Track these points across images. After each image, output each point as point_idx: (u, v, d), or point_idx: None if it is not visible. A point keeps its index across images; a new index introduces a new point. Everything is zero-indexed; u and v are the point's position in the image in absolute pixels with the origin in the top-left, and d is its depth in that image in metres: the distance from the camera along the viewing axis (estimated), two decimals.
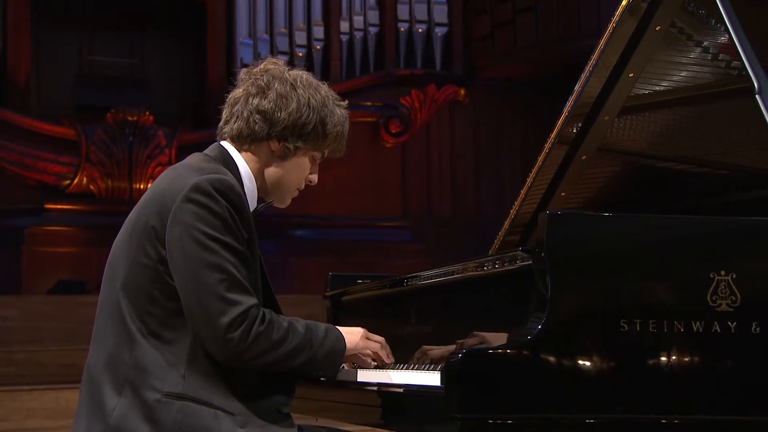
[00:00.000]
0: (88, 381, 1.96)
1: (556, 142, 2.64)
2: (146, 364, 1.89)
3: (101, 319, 1.99)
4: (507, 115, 10.62)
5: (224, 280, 1.86)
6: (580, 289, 1.84)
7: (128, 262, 1.94)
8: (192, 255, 1.86)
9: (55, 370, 6.78)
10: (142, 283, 1.92)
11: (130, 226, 1.99)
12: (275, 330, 1.91)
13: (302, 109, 2.04)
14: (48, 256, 8.98)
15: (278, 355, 1.91)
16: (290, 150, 2.06)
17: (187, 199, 1.89)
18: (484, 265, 2.11)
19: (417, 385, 1.95)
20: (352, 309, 2.85)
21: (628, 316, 1.84)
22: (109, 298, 1.97)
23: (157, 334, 1.91)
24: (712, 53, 2.41)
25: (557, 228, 1.85)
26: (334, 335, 2.02)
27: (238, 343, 1.86)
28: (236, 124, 2.05)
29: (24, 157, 9.11)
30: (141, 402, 1.87)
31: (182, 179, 1.94)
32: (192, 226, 1.87)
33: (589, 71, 2.51)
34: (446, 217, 10.27)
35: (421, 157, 10.34)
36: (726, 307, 1.87)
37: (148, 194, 2.00)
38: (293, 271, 9.19)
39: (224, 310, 1.85)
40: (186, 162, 2.05)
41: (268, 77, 2.06)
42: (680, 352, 1.85)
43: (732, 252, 1.92)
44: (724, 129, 2.51)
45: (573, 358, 1.81)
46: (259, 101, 2.04)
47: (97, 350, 1.97)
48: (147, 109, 9.35)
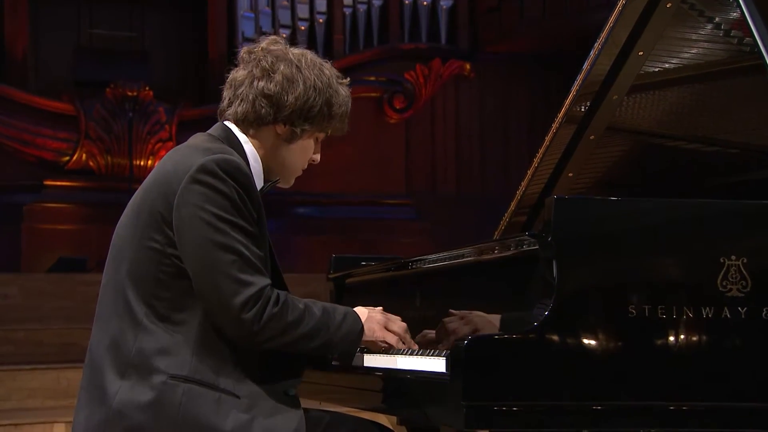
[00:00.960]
0: (89, 365, 1.95)
1: (564, 122, 2.60)
2: (152, 348, 1.88)
3: (104, 301, 1.97)
4: (513, 90, 10.49)
5: (236, 260, 1.85)
6: (587, 274, 1.83)
7: (134, 247, 1.93)
8: (202, 236, 1.86)
9: (56, 349, 6.74)
10: (149, 268, 1.91)
11: (135, 209, 1.97)
12: (290, 311, 1.90)
13: (309, 92, 2.02)
14: (48, 233, 8.92)
15: (293, 336, 1.90)
16: (297, 133, 2.05)
17: (194, 180, 1.88)
18: (489, 249, 2.10)
19: (422, 371, 1.94)
20: (356, 291, 2.83)
21: (636, 301, 1.82)
22: (113, 282, 1.96)
23: (166, 317, 1.90)
24: (723, 29, 2.36)
25: (564, 212, 1.84)
26: (352, 318, 2.01)
27: (252, 324, 1.85)
28: (241, 107, 2.03)
29: (22, 133, 9.04)
30: (145, 384, 1.86)
31: (188, 160, 1.92)
32: (200, 207, 1.86)
33: (599, 49, 2.45)
34: (451, 194, 10.17)
35: (425, 133, 10.23)
36: (736, 293, 1.85)
37: (153, 176, 1.98)
38: (296, 249, 9.14)
39: (237, 291, 1.84)
40: (190, 142, 2.03)
41: (272, 58, 2.03)
42: (689, 338, 1.84)
43: (743, 236, 1.90)
44: (735, 107, 2.49)
45: (580, 344, 1.80)
46: (264, 84, 2.01)
47: (99, 333, 1.95)
48: (147, 84, 9.26)
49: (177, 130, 9.21)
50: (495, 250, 2.08)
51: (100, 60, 9.64)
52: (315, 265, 8.63)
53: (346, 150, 9.58)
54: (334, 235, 9.26)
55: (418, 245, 9.61)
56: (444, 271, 2.32)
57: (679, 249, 1.88)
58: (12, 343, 6.79)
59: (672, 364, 1.83)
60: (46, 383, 6.08)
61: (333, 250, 10.19)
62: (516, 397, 1.77)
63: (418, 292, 2.43)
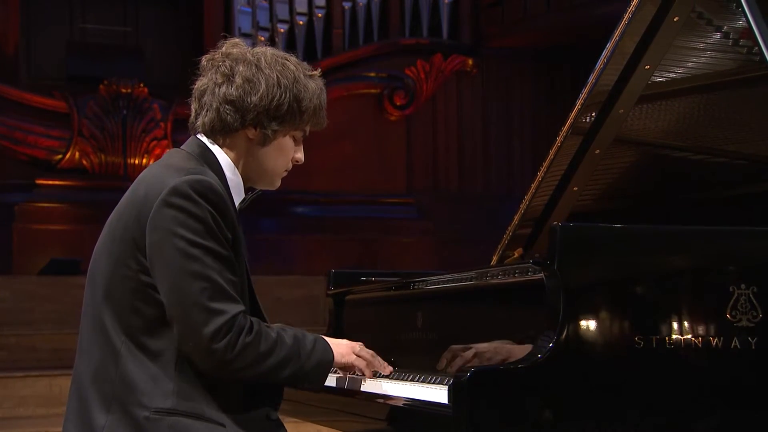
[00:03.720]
0: (76, 393, 1.92)
1: (568, 134, 2.55)
2: (133, 380, 1.85)
3: (85, 329, 1.95)
4: (516, 86, 10.34)
5: (206, 288, 1.81)
6: (592, 304, 1.81)
7: (108, 273, 1.90)
8: (172, 263, 1.82)
9: (48, 354, 6.71)
10: (124, 295, 1.87)
11: (110, 232, 1.94)
12: (263, 340, 1.86)
13: (272, 90, 1.95)
14: (40, 233, 8.76)
15: (266, 366, 1.87)
16: (269, 135, 1.99)
17: (166, 203, 1.84)
18: (494, 274, 2.10)
19: (423, 401, 1.92)
20: (355, 309, 2.82)
21: (643, 332, 1.80)
22: (91, 308, 1.93)
23: (144, 346, 1.86)
24: (732, 39, 2.35)
25: (570, 240, 1.82)
26: (322, 346, 1.98)
27: (224, 353, 1.81)
28: (207, 117, 1.98)
29: (14, 131, 8.88)
30: (129, 420, 1.83)
31: (160, 181, 1.88)
32: (172, 232, 1.82)
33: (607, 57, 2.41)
34: (453, 192, 10.02)
35: (426, 130, 10.06)
36: (746, 323, 1.83)
37: (127, 198, 1.95)
38: (295, 249, 9.01)
39: (207, 320, 1.80)
40: (164, 161, 1.99)
41: (230, 62, 1.97)
42: (698, 369, 1.82)
43: (753, 264, 1.87)
44: (744, 117, 2.47)
45: (585, 376, 1.78)
46: (226, 90, 1.96)
47: (83, 362, 1.93)
48: (141, 81, 9.11)
49: (172, 128, 9.06)
50: (499, 276, 2.06)
51: (93, 56, 9.52)
52: (314, 266, 8.48)
53: (345, 148, 9.48)
54: (334, 234, 9.14)
55: (419, 244, 9.46)
56: (446, 294, 2.30)
57: (687, 277, 1.85)
58: (4, 348, 6.70)
59: (680, 395, 1.80)
60: (38, 390, 6.00)
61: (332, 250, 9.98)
62: (521, 430, 1.75)
63: (419, 313, 2.40)
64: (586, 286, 1.81)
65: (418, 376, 2.13)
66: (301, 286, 7.55)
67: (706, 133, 2.58)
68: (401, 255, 9.22)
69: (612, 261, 1.84)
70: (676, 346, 1.80)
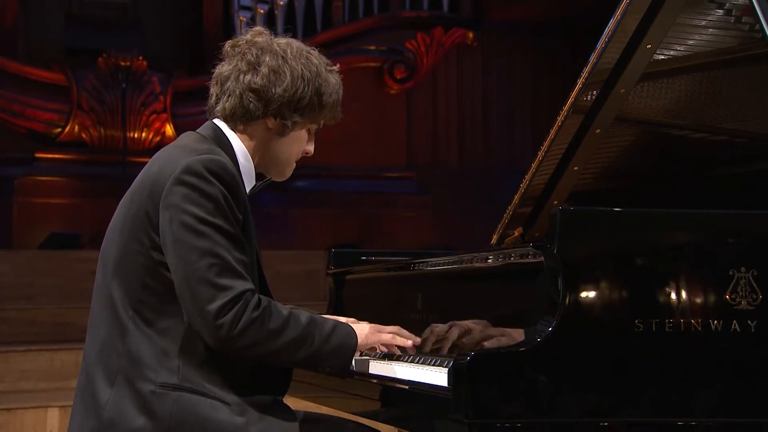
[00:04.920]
0: (83, 370, 1.95)
1: (570, 113, 2.53)
2: (140, 354, 1.87)
3: (96, 306, 1.96)
4: (518, 60, 10.27)
5: (214, 264, 1.82)
6: (593, 288, 1.81)
7: (120, 249, 1.92)
8: (182, 240, 1.83)
9: (49, 329, 6.70)
10: (135, 271, 1.89)
11: (124, 210, 1.96)
12: (272, 318, 1.85)
13: (297, 83, 1.99)
14: (40, 207, 8.75)
15: (276, 345, 1.86)
16: (288, 126, 2.03)
17: (178, 181, 1.86)
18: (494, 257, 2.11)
19: (422, 383, 1.93)
20: (356, 289, 2.82)
21: (643, 315, 1.80)
22: (102, 285, 1.95)
23: (151, 323, 1.88)
24: (734, 15, 2.32)
25: (570, 225, 1.82)
26: (345, 331, 1.97)
27: (229, 329, 1.81)
28: (228, 103, 2.00)
29: (12, 104, 8.82)
30: (135, 393, 1.85)
31: (174, 161, 1.90)
32: (182, 209, 1.84)
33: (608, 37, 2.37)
34: (453, 167, 9.99)
35: (427, 104, 10.01)
36: (746, 305, 1.83)
37: (141, 177, 1.97)
38: (294, 223, 9.00)
39: (214, 296, 1.81)
40: (178, 142, 2.01)
41: (256, 50, 2.00)
42: (698, 352, 1.82)
43: (753, 248, 1.88)
44: (745, 95, 2.45)
45: (585, 360, 1.78)
46: (251, 78, 1.99)
47: (91, 339, 1.95)
48: (140, 54, 9.03)
49: (171, 101, 9.00)
50: (499, 258, 2.07)
51: (91, 28, 9.44)
52: (314, 241, 8.48)
53: (345, 122, 9.10)
54: (334, 209, 9.13)
55: (419, 219, 9.46)
56: (446, 275, 2.30)
57: (687, 261, 1.85)
58: (4, 322, 6.70)
59: (680, 379, 1.81)
60: (39, 364, 5.99)
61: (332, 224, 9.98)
62: (519, 415, 1.75)
63: (420, 294, 2.41)
64: (586, 269, 1.82)
65: (418, 358, 2.13)
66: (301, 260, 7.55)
67: (706, 111, 2.57)
68: (401, 229, 9.23)
69: (612, 244, 1.85)
70: (675, 329, 1.81)
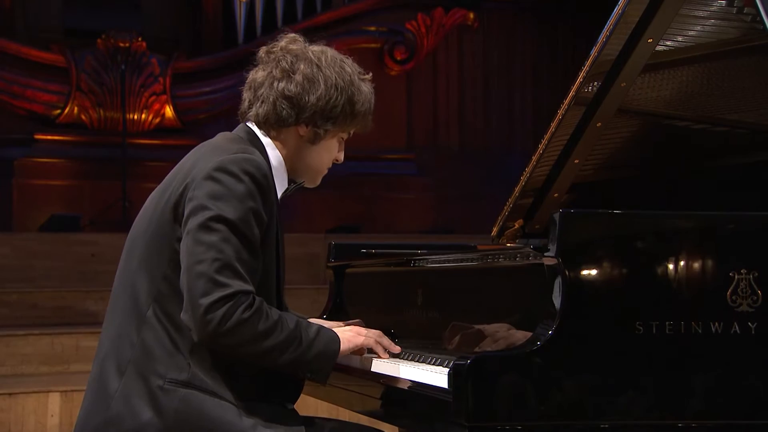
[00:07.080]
0: (97, 355, 1.96)
1: (571, 105, 2.52)
2: (152, 347, 1.87)
3: (115, 292, 1.97)
4: (518, 41, 10.20)
5: (217, 260, 1.81)
6: (593, 290, 1.81)
7: (147, 239, 1.93)
8: (194, 232, 1.84)
9: (50, 312, 6.67)
10: (159, 262, 1.90)
11: (154, 201, 1.97)
12: (262, 320, 1.84)
13: (331, 91, 2.00)
14: (39, 189, 8.73)
15: (263, 347, 1.85)
16: (320, 134, 2.04)
17: (209, 176, 1.87)
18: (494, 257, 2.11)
19: (423, 384, 1.93)
20: (356, 282, 2.82)
21: (643, 317, 1.80)
22: (124, 273, 1.96)
23: (169, 315, 1.88)
24: (737, 6, 2.31)
25: (570, 227, 1.82)
26: (328, 336, 1.95)
27: (217, 326, 1.80)
28: (262, 109, 2.02)
29: (12, 85, 8.78)
30: (143, 386, 1.86)
31: (208, 158, 1.91)
32: (203, 204, 1.85)
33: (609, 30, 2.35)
34: (454, 148, 9.96)
35: (427, 85, 9.97)
36: (746, 307, 1.83)
37: (174, 172, 1.99)
38: (294, 205, 8.98)
39: (209, 291, 1.80)
40: (214, 141, 2.02)
41: (291, 58, 2.01)
42: (698, 354, 1.82)
43: (753, 249, 1.87)
44: (747, 86, 2.45)
45: (585, 363, 1.79)
46: (285, 85, 2.00)
47: (108, 324, 1.96)
48: (139, 35, 8.97)
49: (171, 83, 8.93)
50: (499, 258, 2.08)
51: (90, 9, 9.38)
52: (314, 223, 8.48)
53: None
54: (333, 190, 9.08)
55: (419, 201, 9.45)
56: (447, 272, 2.30)
57: (688, 263, 1.85)
58: (5, 305, 6.71)
59: (680, 381, 1.81)
60: (40, 348, 5.99)
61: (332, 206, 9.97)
62: (520, 418, 1.75)
63: (420, 290, 2.40)
64: (586, 272, 1.82)
65: (418, 356, 2.13)
66: (302, 244, 7.54)
67: (708, 102, 2.56)
68: (401, 211, 9.22)
69: (611, 247, 1.84)
70: (675, 331, 1.81)
